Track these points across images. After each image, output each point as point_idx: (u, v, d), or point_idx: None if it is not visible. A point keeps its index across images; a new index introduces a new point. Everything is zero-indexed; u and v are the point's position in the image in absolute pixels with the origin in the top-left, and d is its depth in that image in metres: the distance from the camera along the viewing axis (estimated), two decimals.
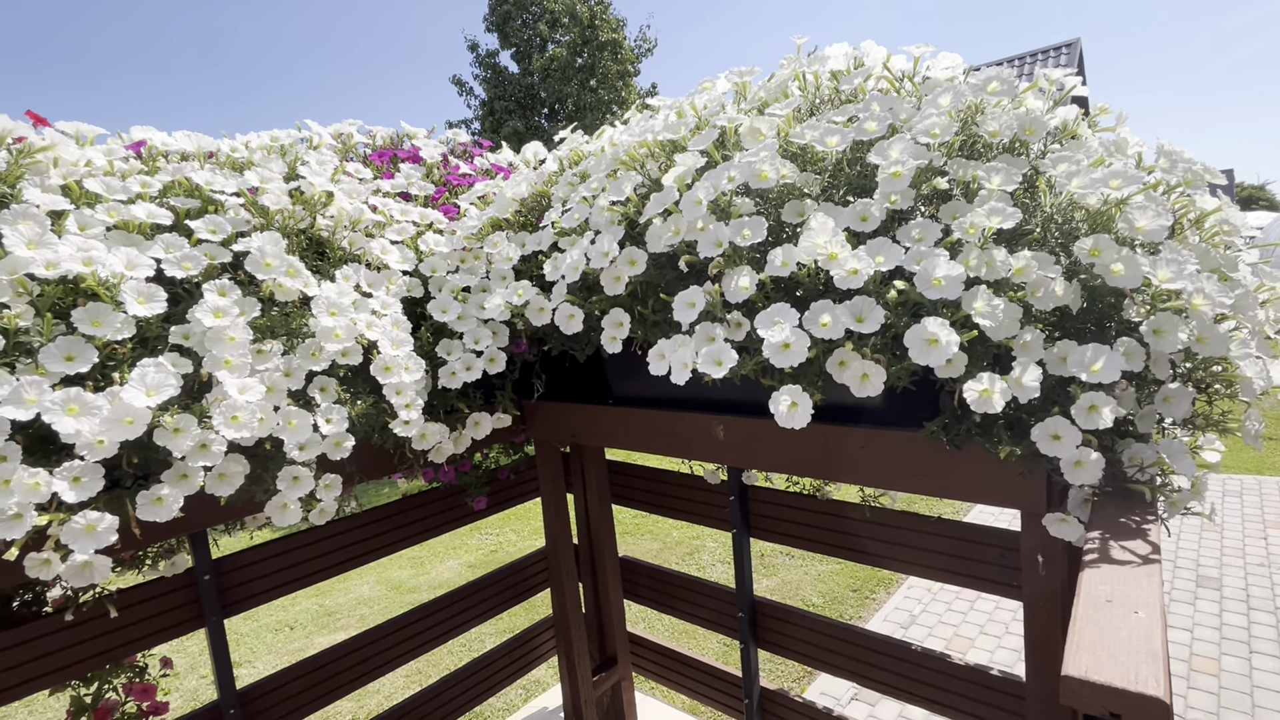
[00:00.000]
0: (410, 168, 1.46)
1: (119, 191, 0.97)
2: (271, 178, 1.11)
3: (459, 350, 1.21)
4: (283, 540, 1.75)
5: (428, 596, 7.25)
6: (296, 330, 1.06)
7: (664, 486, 2.05)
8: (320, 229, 1.16)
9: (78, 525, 0.82)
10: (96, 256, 0.86)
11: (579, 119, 12.30)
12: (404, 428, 1.12)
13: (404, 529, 2.02)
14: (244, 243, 1.02)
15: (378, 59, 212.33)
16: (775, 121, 0.97)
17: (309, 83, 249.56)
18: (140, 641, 1.57)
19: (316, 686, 1.83)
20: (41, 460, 0.82)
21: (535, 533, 8.33)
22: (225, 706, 1.66)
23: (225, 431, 0.89)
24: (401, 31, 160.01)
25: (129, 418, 0.84)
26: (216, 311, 0.92)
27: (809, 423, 0.86)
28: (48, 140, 0.97)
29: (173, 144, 1.17)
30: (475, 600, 2.26)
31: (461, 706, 2.25)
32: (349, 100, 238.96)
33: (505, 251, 1.21)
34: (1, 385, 0.78)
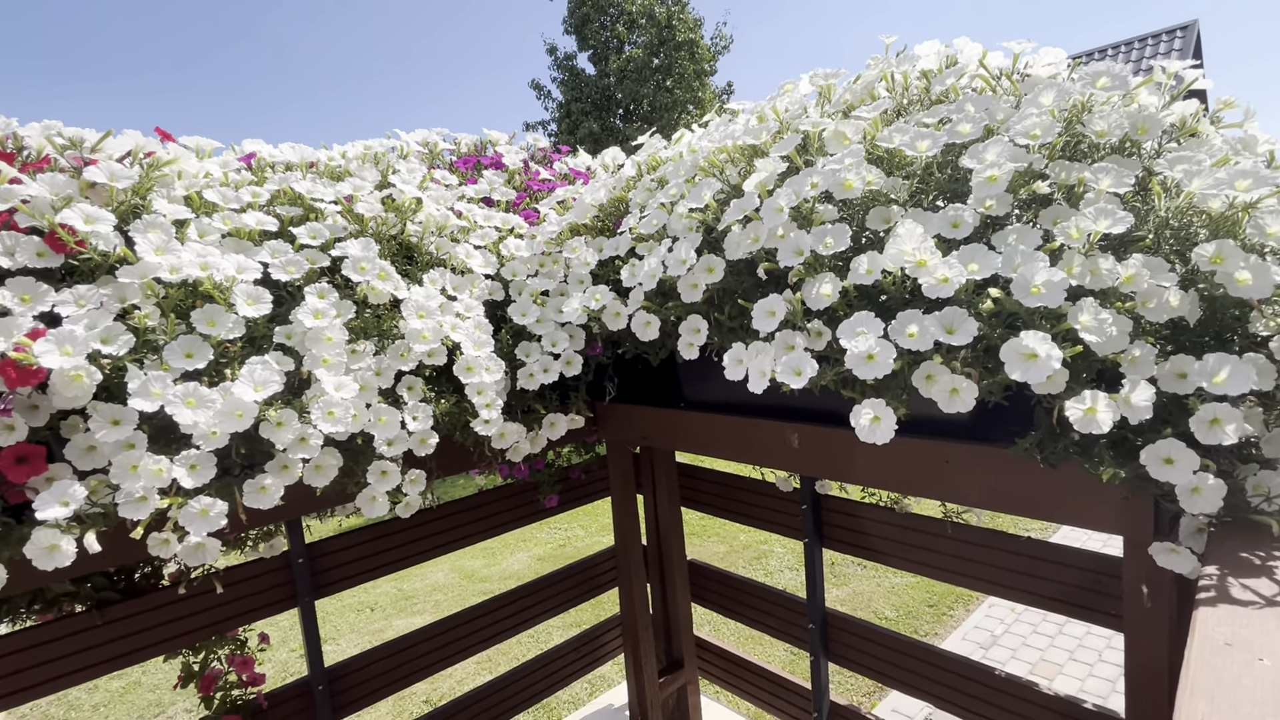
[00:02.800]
0: (492, 174, 1.51)
1: (232, 201, 1.05)
2: (365, 186, 1.17)
3: (537, 353, 1.24)
4: (370, 529, 1.84)
5: (499, 586, 7.50)
6: (387, 331, 1.11)
7: (734, 491, 2.03)
8: (409, 234, 1.22)
9: (193, 509, 0.89)
10: (212, 261, 0.93)
11: (654, 119, 12.34)
12: (484, 426, 1.16)
13: (479, 522, 2.08)
14: (341, 248, 1.08)
15: (459, 65, 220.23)
16: (861, 125, 0.94)
17: (397, 90, 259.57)
18: (241, 617, 1.68)
19: (397, 669, 1.92)
20: (163, 449, 0.90)
21: (603, 529, 8.44)
22: (314, 682, 1.77)
23: (322, 426, 0.94)
24: (482, 38, 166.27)
25: (239, 411, 0.90)
26: (316, 313, 0.98)
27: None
28: (172, 154, 1.06)
29: (279, 155, 1.25)
30: (546, 595, 2.30)
31: (531, 698, 2.30)
32: (432, 106, 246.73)
33: (583, 256, 1.23)
34: (132, 379, 0.85)
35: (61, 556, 0.82)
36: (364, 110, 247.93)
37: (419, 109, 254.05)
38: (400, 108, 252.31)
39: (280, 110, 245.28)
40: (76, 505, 0.83)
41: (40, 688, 1.47)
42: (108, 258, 0.91)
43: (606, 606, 6.42)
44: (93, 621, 1.48)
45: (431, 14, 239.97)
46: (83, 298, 0.87)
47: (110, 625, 1.49)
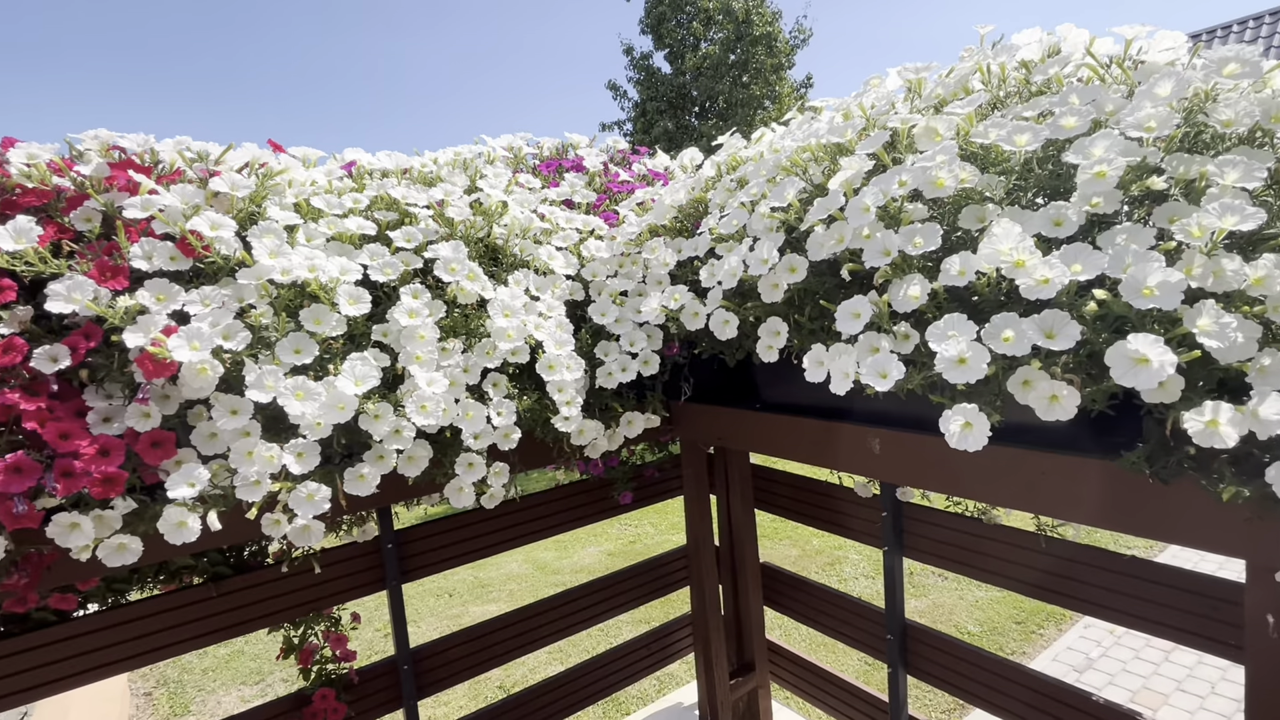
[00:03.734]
0: (574, 176, 1.54)
1: (336, 207, 1.12)
2: (455, 191, 1.22)
3: (615, 352, 1.26)
4: (454, 518, 1.92)
5: (570, 578, 7.63)
6: (473, 330, 1.16)
7: (810, 495, 1.99)
8: (495, 237, 1.26)
9: (301, 494, 0.96)
10: (319, 264, 1.00)
11: (729, 116, 12.23)
12: (564, 423, 1.19)
13: (556, 516, 2.13)
14: (433, 250, 1.13)
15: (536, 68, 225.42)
16: (954, 120, 0.90)
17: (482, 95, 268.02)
18: (335, 596, 1.79)
19: (478, 653, 1.99)
20: (273, 437, 0.97)
21: (672, 527, 8.45)
22: (400, 662, 1.86)
23: (416, 419, 0.99)
24: (559, 40, 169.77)
25: (340, 404, 0.97)
26: (411, 312, 1.03)
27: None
28: (283, 164, 1.14)
29: (376, 163, 1.32)
30: (618, 590, 2.33)
31: (601, 691, 2.34)
32: (513, 108, 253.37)
33: (662, 257, 1.24)
34: (249, 373, 0.93)
35: (189, 532, 0.90)
36: (440, 116, 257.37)
37: (495, 114, 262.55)
38: (476, 114, 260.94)
39: (352, 118, 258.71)
40: (201, 487, 0.91)
41: (164, 650, 1.61)
42: (228, 261, 1.00)
43: (674, 605, 6.45)
44: (209, 593, 1.61)
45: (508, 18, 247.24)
46: (207, 298, 0.95)
47: (224, 597, 1.62)
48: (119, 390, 0.94)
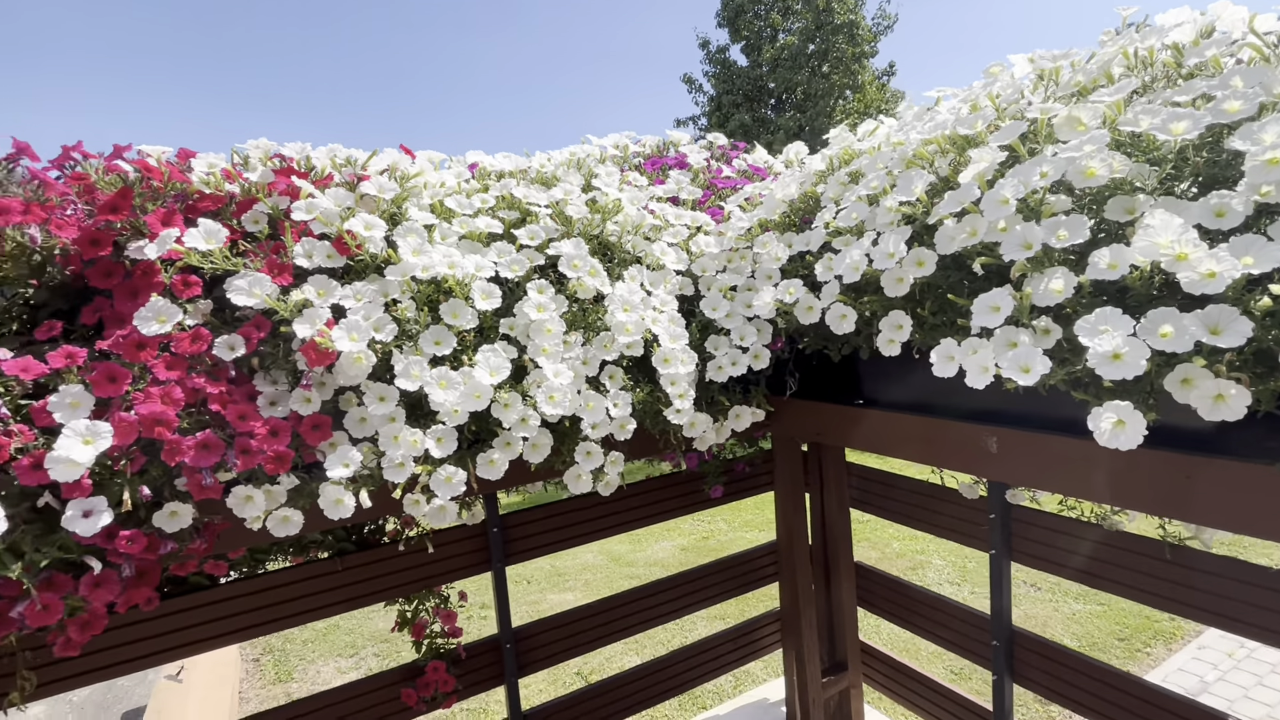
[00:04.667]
0: (678, 173, 1.57)
1: (466, 207, 1.19)
2: (574, 190, 1.27)
3: (725, 346, 1.28)
4: (553, 505, 1.99)
5: (644, 570, 7.70)
6: (590, 324, 1.20)
7: (909, 495, 1.95)
8: (608, 234, 1.30)
9: (440, 476, 1.02)
10: (457, 261, 1.07)
11: (807, 107, 11.98)
12: (676, 415, 1.21)
13: (648, 507, 2.17)
14: (555, 247, 1.18)
15: (609, 64, 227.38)
16: (1099, 109, 0.87)
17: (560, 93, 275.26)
18: (445, 575, 1.89)
19: (574, 636, 2.06)
20: (412, 423, 1.05)
21: (745, 525, 8.40)
22: (503, 640, 1.94)
23: (545, 408, 1.05)
24: (633, 37, 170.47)
25: (478, 393, 1.03)
26: (539, 307, 1.09)
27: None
28: (417, 167, 1.22)
29: (495, 164, 1.39)
30: (706, 583, 2.35)
31: (686, 683, 2.36)
32: (589, 105, 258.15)
33: (773, 251, 1.24)
34: (398, 363, 1.00)
35: (344, 509, 0.98)
36: (510, 114, 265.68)
37: (566, 112, 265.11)
38: (546, 112, 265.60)
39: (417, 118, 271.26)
40: (355, 468, 0.99)
41: (296, 617, 1.74)
42: (375, 259, 1.08)
43: (750, 604, 6.40)
44: (335, 567, 1.73)
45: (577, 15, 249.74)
46: (359, 292, 1.03)
47: (348, 571, 1.74)
48: (283, 377, 1.04)
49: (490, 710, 5.25)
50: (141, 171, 1.01)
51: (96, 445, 0.86)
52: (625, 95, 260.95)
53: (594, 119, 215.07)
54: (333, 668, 6.06)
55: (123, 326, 0.99)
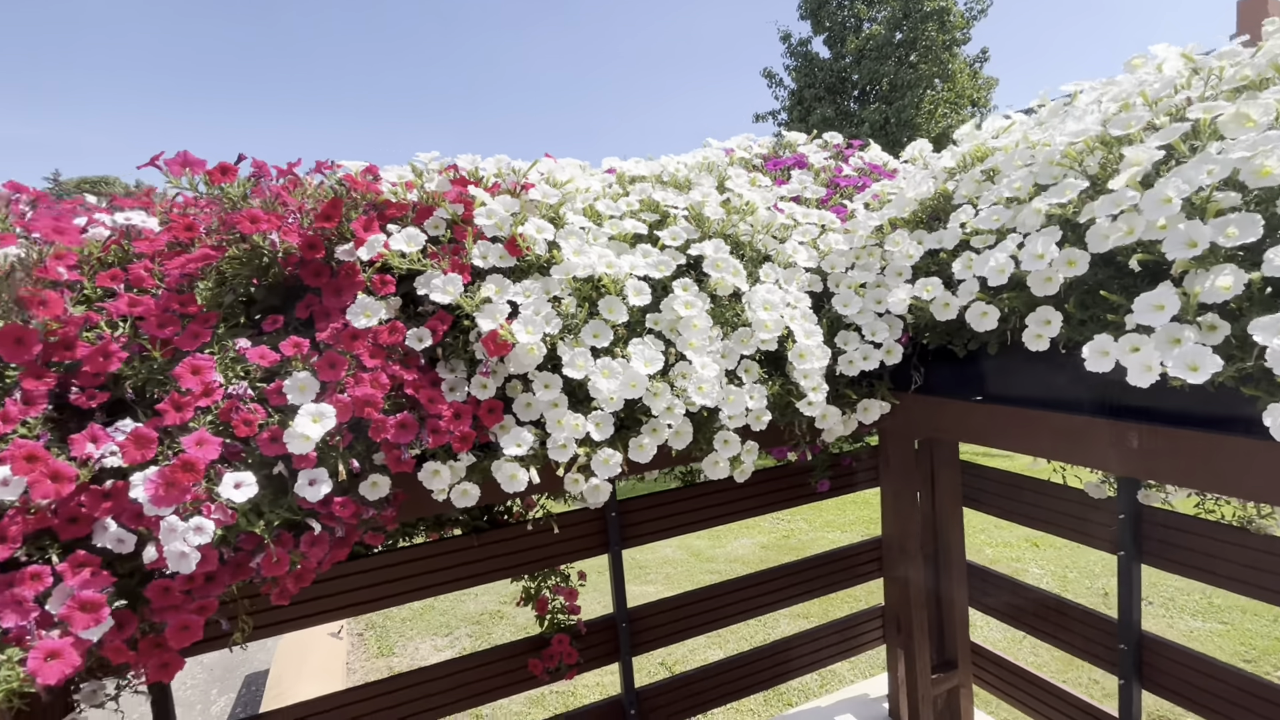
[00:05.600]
0: (799, 173, 1.62)
1: (614, 211, 1.28)
2: (710, 193, 1.34)
3: (856, 341, 1.32)
4: (667, 493, 2.08)
5: (725, 566, 7.71)
6: (727, 320, 1.27)
7: (1027, 494, 1.92)
8: (740, 233, 1.37)
9: (599, 458, 1.12)
10: (613, 261, 1.16)
11: (893, 98, 11.63)
12: (809, 407, 1.27)
13: (756, 499, 2.22)
14: (696, 248, 1.26)
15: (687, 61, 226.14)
16: (1270, 104, 0.87)
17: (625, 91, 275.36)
18: (566, 555, 2.01)
19: (681, 620, 2.15)
20: (585, 407, 1.15)
21: (826, 525, 8.28)
22: (618, 620, 2.05)
23: (695, 398, 1.13)
24: (709, 33, 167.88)
25: (634, 382, 1.12)
26: (687, 304, 1.17)
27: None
28: (568, 174, 1.33)
29: (630, 169, 1.48)
30: (808, 575, 2.39)
31: (785, 673, 2.41)
32: (664, 105, 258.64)
33: (905, 249, 1.28)
34: (564, 353, 1.11)
35: (519, 483, 1.10)
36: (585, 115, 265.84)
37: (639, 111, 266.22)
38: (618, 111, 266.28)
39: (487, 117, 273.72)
40: (526, 448, 1.11)
41: (435, 588, 1.90)
42: (539, 259, 1.19)
43: (835, 603, 6.34)
44: (471, 543, 1.88)
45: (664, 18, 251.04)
46: (528, 290, 1.14)
47: (482, 547, 1.89)
48: (460, 365, 1.16)
49: (578, 694, 5.43)
50: (346, 184, 1.16)
51: (323, 424, 1.01)
52: (699, 91, 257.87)
53: (669, 117, 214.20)
54: (429, 645, 6.41)
55: (330, 320, 1.13)
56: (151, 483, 0.91)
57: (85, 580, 0.89)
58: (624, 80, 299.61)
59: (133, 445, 0.93)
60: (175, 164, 1.10)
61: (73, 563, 0.90)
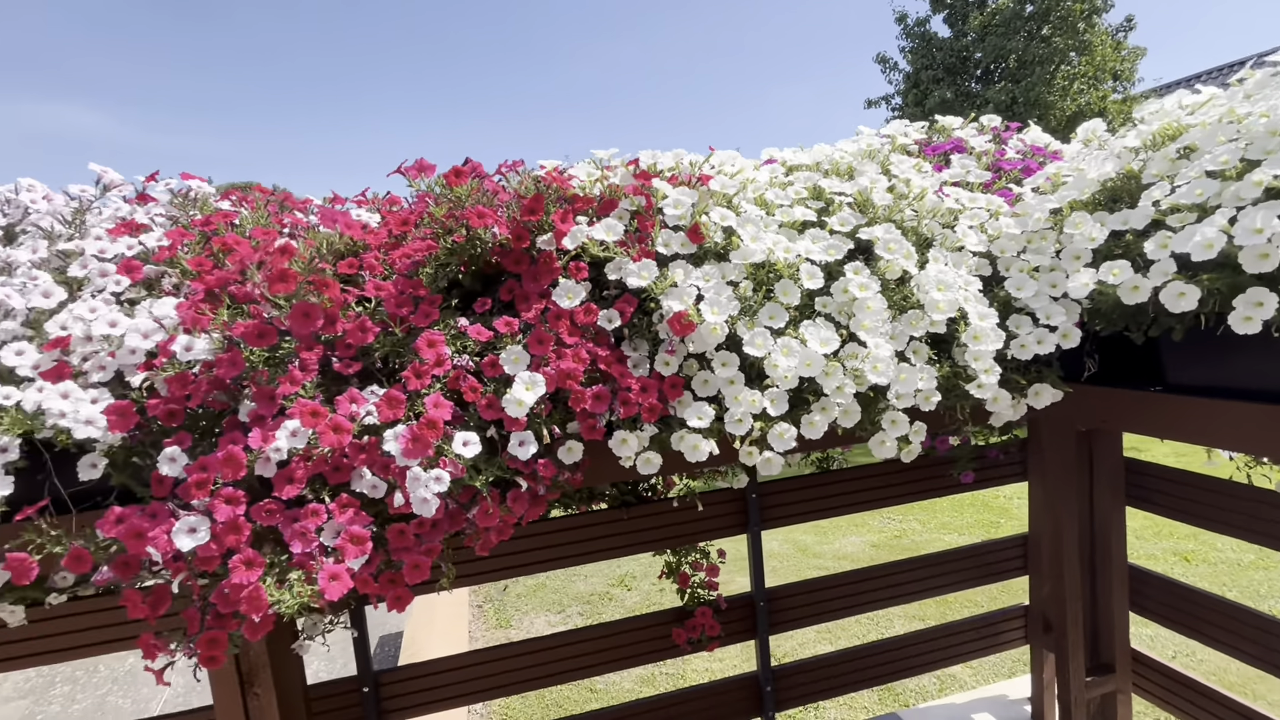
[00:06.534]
0: (960, 158, 1.60)
1: (783, 199, 1.34)
2: (880, 180, 1.37)
3: (1028, 325, 1.31)
4: (807, 478, 2.12)
5: (832, 563, 7.58)
6: (895, 303, 1.30)
7: (1203, 494, 1.80)
8: (905, 219, 1.39)
9: (775, 432, 1.19)
10: (790, 246, 1.22)
11: (1021, 76, 10.85)
12: (979, 390, 1.27)
13: (894, 488, 2.22)
14: (867, 232, 1.29)
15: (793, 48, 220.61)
16: None
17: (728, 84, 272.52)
18: (706, 533, 2.10)
19: (817, 604, 2.18)
20: (757, 385, 1.22)
21: (941, 526, 7.94)
22: (757, 599, 2.11)
23: (871, 376, 1.17)
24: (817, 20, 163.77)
25: (809, 361, 1.18)
26: (861, 285, 1.21)
27: None
28: (738, 165, 1.39)
29: (791, 158, 1.53)
30: (947, 569, 2.35)
31: (919, 666, 2.38)
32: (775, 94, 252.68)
33: (1088, 231, 1.25)
34: (745, 333, 1.18)
35: (701, 454, 1.18)
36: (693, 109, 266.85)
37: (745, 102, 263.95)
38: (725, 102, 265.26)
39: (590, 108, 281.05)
40: (707, 421, 1.19)
41: (585, 556, 2.03)
42: (716, 245, 1.26)
43: (952, 606, 6.08)
44: (621, 515, 2.00)
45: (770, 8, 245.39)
46: (707, 274, 1.22)
47: (630, 520, 2.01)
48: (643, 344, 1.26)
49: (685, 675, 5.54)
50: (546, 181, 1.29)
51: (535, 391, 1.13)
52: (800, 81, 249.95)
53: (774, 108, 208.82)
54: (544, 620, 6.74)
55: (529, 302, 1.27)
56: (403, 438, 1.07)
57: (350, 518, 1.06)
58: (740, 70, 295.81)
59: (386, 405, 1.09)
60: (413, 170, 1.26)
61: (340, 503, 1.07)
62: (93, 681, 6.25)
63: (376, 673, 1.86)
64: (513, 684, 2.02)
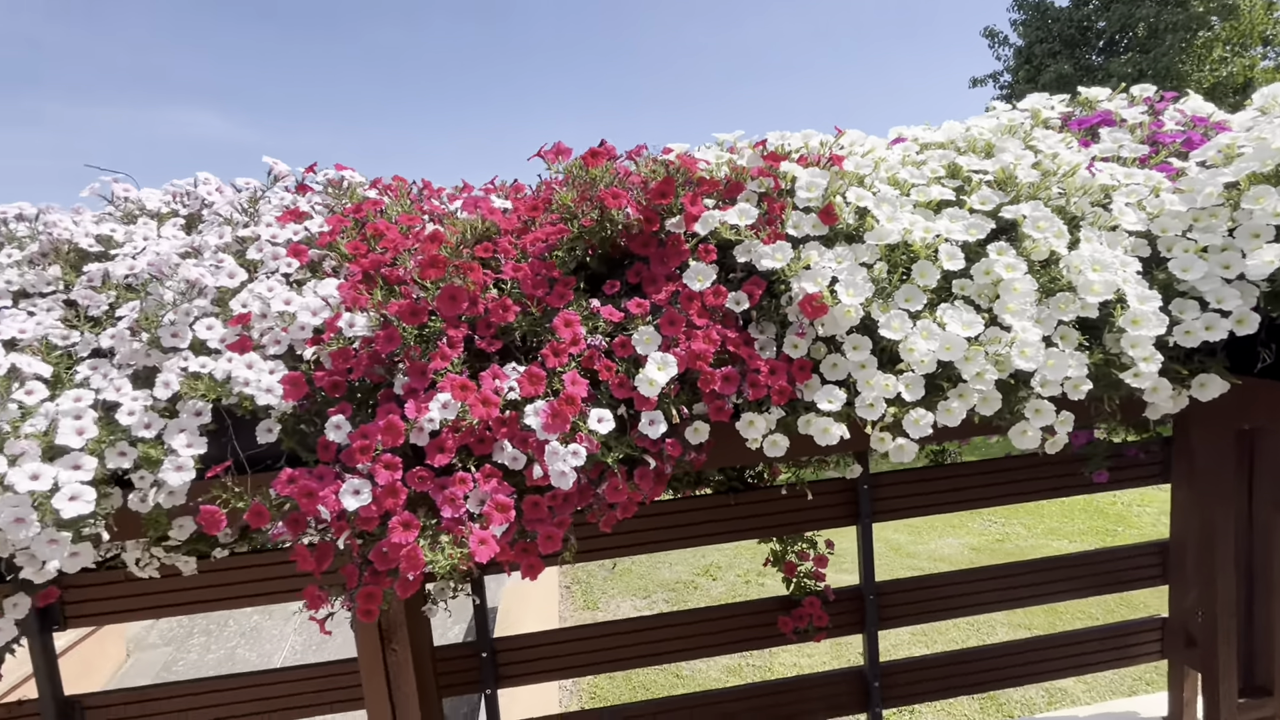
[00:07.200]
0: (1109, 131, 1.49)
1: (918, 178, 1.29)
2: (1026, 156, 1.29)
3: (1194, 310, 1.20)
4: (924, 470, 2.04)
5: (927, 564, 7.29)
6: (1041, 285, 1.23)
7: None
8: (1051, 197, 1.31)
9: (911, 418, 1.15)
10: (930, 226, 1.18)
11: (1151, 45, 9.91)
12: (1136, 379, 1.19)
13: (1016, 484, 2.11)
14: (1012, 210, 1.23)
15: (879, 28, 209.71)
16: None
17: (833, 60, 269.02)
18: (814, 523, 2.06)
19: (930, 601, 2.10)
20: (889, 369, 1.19)
21: (1049, 532, 7.47)
22: (866, 592, 2.06)
23: (1018, 362, 1.11)
24: None
25: (949, 345, 1.13)
26: (1008, 266, 1.15)
27: None
28: (869, 145, 1.35)
29: (923, 135, 1.47)
30: (1072, 574, 2.22)
31: (1037, 674, 2.25)
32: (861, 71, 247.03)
33: (1272, 206, 1.14)
34: (881, 316, 1.15)
35: (831, 437, 1.16)
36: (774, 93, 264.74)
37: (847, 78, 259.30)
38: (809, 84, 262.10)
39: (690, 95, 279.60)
40: (838, 404, 1.17)
41: (694, 539, 2.05)
42: (848, 227, 1.24)
43: (1062, 615, 5.73)
44: (728, 501, 2.00)
45: None
46: (840, 256, 1.20)
47: (737, 506, 2.00)
48: (770, 327, 1.26)
49: (773, 668, 5.49)
50: (675, 164, 1.30)
51: (666, 371, 1.15)
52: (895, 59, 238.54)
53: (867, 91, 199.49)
54: (629, 604, 6.85)
55: (656, 285, 1.28)
56: (543, 413, 1.11)
57: (494, 487, 1.12)
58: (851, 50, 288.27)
59: (527, 381, 1.14)
60: (551, 153, 1.31)
61: (484, 473, 1.13)
62: (224, 635, 6.89)
63: (493, 640, 1.96)
64: (619, 660, 2.07)
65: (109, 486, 1.12)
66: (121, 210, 1.45)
